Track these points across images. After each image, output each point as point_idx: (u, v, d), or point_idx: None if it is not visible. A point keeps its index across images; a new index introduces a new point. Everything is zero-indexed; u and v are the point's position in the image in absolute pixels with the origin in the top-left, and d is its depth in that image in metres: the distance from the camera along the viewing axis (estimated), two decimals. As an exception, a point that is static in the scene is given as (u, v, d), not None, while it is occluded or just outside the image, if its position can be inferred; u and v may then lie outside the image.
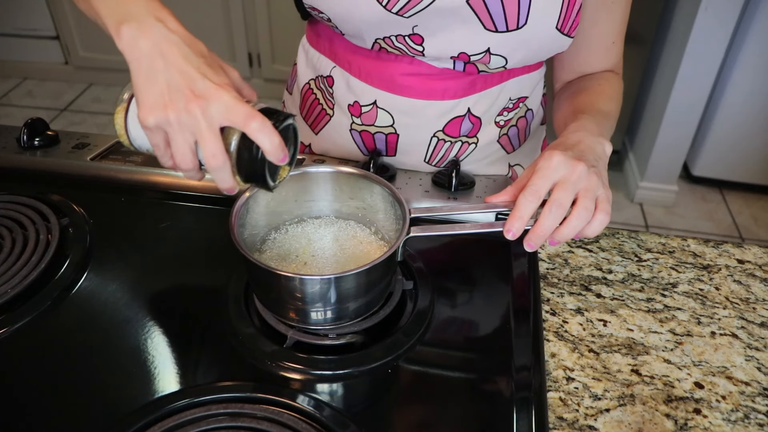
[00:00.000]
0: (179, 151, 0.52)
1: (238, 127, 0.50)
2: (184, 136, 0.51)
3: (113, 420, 0.53)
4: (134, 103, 0.53)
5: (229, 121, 0.50)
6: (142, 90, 0.50)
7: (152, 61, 0.50)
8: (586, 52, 0.81)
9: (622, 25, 0.79)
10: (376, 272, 0.58)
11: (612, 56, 0.81)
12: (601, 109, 0.73)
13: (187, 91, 0.49)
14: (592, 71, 0.82)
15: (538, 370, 0.59)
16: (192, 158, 0.52)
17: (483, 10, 0.68)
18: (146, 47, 0.50)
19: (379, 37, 0.73)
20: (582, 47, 0.80)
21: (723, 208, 2.37)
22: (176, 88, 0.49)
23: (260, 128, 0.50)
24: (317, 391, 0.56)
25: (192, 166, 0.53)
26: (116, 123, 0.57)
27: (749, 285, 0.72)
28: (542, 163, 0.58)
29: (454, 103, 0.79)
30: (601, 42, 0.80)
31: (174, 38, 0.51)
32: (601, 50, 0.81)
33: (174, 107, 0.49)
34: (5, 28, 2.98)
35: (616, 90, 0.80)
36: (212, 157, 0.50)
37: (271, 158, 0.51)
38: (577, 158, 0.57)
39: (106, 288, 0.67)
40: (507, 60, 0.73)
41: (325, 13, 0.73)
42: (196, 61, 0.51)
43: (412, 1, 0.67)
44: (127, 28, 0.50)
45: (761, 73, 2.14)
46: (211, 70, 0.51)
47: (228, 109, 0.50)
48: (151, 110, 0.50)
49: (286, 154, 0.52)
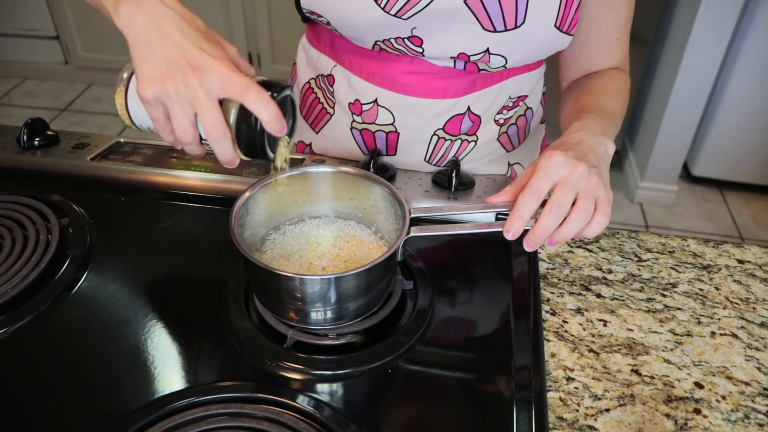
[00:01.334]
0: (179, 124, 0.52)
1: (235, 98, 0.51)
2: (183, 108, 0.51)
3: (113, 420, 0.53)
4: (134, 80, 0.53)
5: (226, 93, 0.51)
6: (139, 64, 0.51)
7: (149, 34, 0.50)
8: (591, 49, 0.80)
9: (626, 21, 0.79)
10: (376, 272, 0.58)
11: (617, 53, 0.81)
12: (606, 107, 0.72)
13: (184, 64, 0.50)
14: (598, 69, 0.82)
15: (538, 370, 0.59)
16: (192, 131, 0.53)
17: (481, 11, 0.68)
18: (143, 22, 0.51)
19: (378, 40, 0.73)
20: (586, 45, 0.80)
21: (723, 208, 2.37)
22: (173, 60, 0.50)
23: (257, 99, 0.50)
24: (317, 391, 0.56)
25: (192, 138, 0.53)
26: (117, 102, 0.58)
27: (749, 285, 0.72)
28: (543, 162, 0.57)
29: (454, 101, 0.79)
30: (606, 39, 0.80)
31: (170, 13, 0.51)
32: (605, 48, 0.80)
33: (172, 79, 0.50)
34: (5, 28, 2.98)
35: (622, 88, 0.79)
36: (212, 127, 0.51)
37: (269, 128, 0.52)
38: (578, 158, 0.57)
39: (106, 288, 0.67)
40: (507, 59, 0.73)
41: (325, 17, 0.73)
42: (193, 35, 0.51)
43: (411, 2, 0.67)
44: (125, 5, 0.51)
45: (761, 73, 2.13)
46: (209, 44, 0.52)
47: (225, 80, 0.50)
48: (149, 83, 0.50)
49: (284, 125, 0.52)
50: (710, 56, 2.04)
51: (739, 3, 1.92)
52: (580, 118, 0.67)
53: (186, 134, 0.53)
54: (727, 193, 2.43)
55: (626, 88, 0.80)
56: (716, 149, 2.33)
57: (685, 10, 2.06)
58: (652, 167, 2.30)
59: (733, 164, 2.36)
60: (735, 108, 2.21)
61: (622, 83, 0.80)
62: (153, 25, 0.50)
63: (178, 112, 0.51)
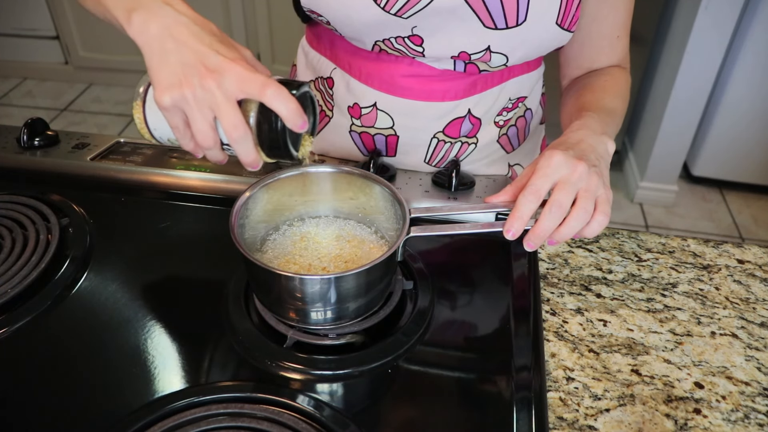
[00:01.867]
0: (199, 129, 0.51)
1: (254, 96, 0.50)
2: (202, 112, 0.50)
3: (113, 420, 0.53)
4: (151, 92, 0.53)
5: (245, 92, 0.50)
6: (156, 72, 0.50)
7: (163, 42, 0.50)
8: (592, 47, 0.80)
9: (626, 19, 0.79)
10: (376, 272, 0.58)
11: (618, 51, 0.81)
12: (606, 106, 0.72)
13: (200, 67, 0.49)
14: (599, 66, 0.82)
15: (538, 370, 0.59)
16: (212, 134, 0.52)
17: (482, 9, 0.68)
18: (156, 30, 0.50)
19: (378, 39, 0.73)
20: (587, 43, 0.80)
21: (723, 208, 2.37)
22: (189, 65, 0.49)
23: (276, 95, 0.50)
24: (317, 391, 0.56)
25: (213, 142, 0.53)
26: (135, 117, 0.57)
27: (749, 285, 0.72)
28: (542, 162, 0.57)
29: (454, 104, 0.79)
30: (606, 37, 0.79)
31: (183, 19, 0.51)
32: (606, 45, 0.80)
33: (189, 84, 0.49)
34: (5, 28, 2.98)
35: (623, 86, 0.79)
36: (233, 128, 0.50)
37: (290, 125, 0.51)
38: (578, 158, 0.57)
39: (106, 288, 0.67)
40: (508, 57, 0.73)
41: (324, 17, 0.73)
42: (207, 39, 0.51)
43: (411, 1, 0.67)
44: (137, 14, 0.51)
45: (761, 73, 2.14)
46: (223, 46, 0.51)
47: (243, 79, 0.49)
48: (166, 90, 0.50)
49: (305, 120, 0.51)
50: (710, 56, 2.04)
51: (739, 3, 1.92)
52: (580, 116, 0.67)
53: (207, 138, 0.52)
54: (727, 193, 2.43)
55: (627, 86, 0.80)
56: (716, 149, 2.33)
57: (685, 10, 2.06)
58: (652, 167, 2.30)
59: (733, 164, 2.36)
60: (735, 108, 2.21)
61: (623, 81, 0.79)
62: (167, 32, 0.50)
63: (197, 117, 0.51)
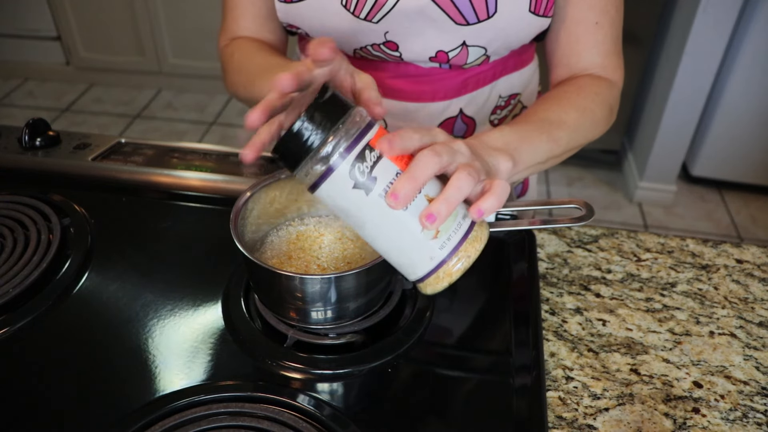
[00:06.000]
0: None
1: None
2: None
3: (113, 419, 0.53)
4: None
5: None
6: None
7: None
8: (569, 35, 0.73)
9: (605, 3, 0.71)
10: (376, 272, 0.58)
11: (599, 42, 0.73)
12: (548, 118, 0.65)
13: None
14: (581, 63, 0.74)
15: (537, 369, 0.59)
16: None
17: (449, 6, 0.67)
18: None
19: (356, 48, 0.73)
20: (562, 32, 0.73)
21: (722, 208, 2.37)
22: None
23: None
24: (317, 390, 0.57)
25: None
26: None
27: (748, 285, 0.73)
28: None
29: (445, 104, 0.79)
30: (582, 21, 0.72)
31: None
32: (583, 32, 0.73)
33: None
34: (7, 29, 2.98)
35: (589, 99, 0.69)
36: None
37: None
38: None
39: (107, 288, 0.67)
40: (486, 49, 0.72)
41: (302, 28, 0.73)
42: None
43: (378, 3, 0.68)
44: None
45: (760, 73, 2.14)
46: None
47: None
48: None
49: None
50: (709, 56, 2.04)
51: (738, 3, 1.93)
52: (504, 125, 0.61)
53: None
54: (726, 193, 2.44)
55: (600, 97, 0.71)
56: (715, 149, 2.33)
57: (684, 10, 2.06)
58: (650, 167, 2.30)
59: (731, 164, 2.36)
60: (734, 108, 2.22)
61: (592, 92, 0.70)
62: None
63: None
